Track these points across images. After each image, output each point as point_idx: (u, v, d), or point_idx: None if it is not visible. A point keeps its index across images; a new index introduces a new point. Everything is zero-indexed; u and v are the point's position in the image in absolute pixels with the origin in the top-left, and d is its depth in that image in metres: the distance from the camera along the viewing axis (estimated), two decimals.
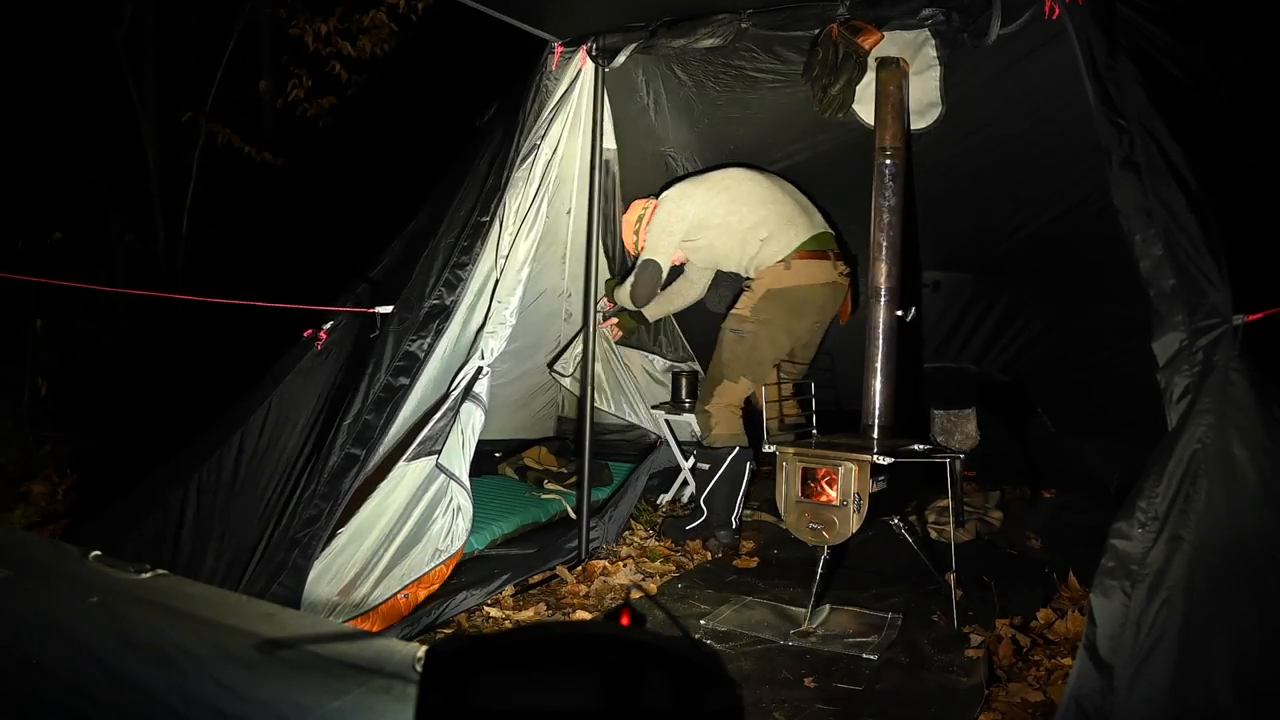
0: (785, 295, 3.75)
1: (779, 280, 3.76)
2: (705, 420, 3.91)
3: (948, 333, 4.71)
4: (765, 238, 3.77)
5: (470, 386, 3.15)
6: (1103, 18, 2.41)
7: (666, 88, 3.82)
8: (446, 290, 3.07)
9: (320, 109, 7.36)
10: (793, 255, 3.73)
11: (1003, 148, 3.45)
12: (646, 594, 3.33)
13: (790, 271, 3.74)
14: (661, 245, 3.90)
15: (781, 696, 2.49)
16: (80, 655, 1.29)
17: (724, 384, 3.83)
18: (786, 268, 3.74)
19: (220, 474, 2.88)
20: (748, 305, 3.81)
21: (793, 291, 3.74)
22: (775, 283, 3.76)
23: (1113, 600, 1.92)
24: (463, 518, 3.17)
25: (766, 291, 3.77)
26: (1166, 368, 2.07)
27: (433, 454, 3.04)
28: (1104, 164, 2.30)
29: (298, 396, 3.01)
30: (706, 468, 3.91)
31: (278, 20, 7.27)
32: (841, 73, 3.08)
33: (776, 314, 3.77)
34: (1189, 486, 1.94)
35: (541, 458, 4.69)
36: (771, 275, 3.77)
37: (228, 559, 2.72)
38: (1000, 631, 2.89)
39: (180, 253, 7.20)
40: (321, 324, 3.14)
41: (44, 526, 4.00)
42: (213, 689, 1.22)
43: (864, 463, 3.00)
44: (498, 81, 3.71)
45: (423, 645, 1.19)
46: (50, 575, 1.55)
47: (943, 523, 3.93)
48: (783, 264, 3.75)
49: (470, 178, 3.32)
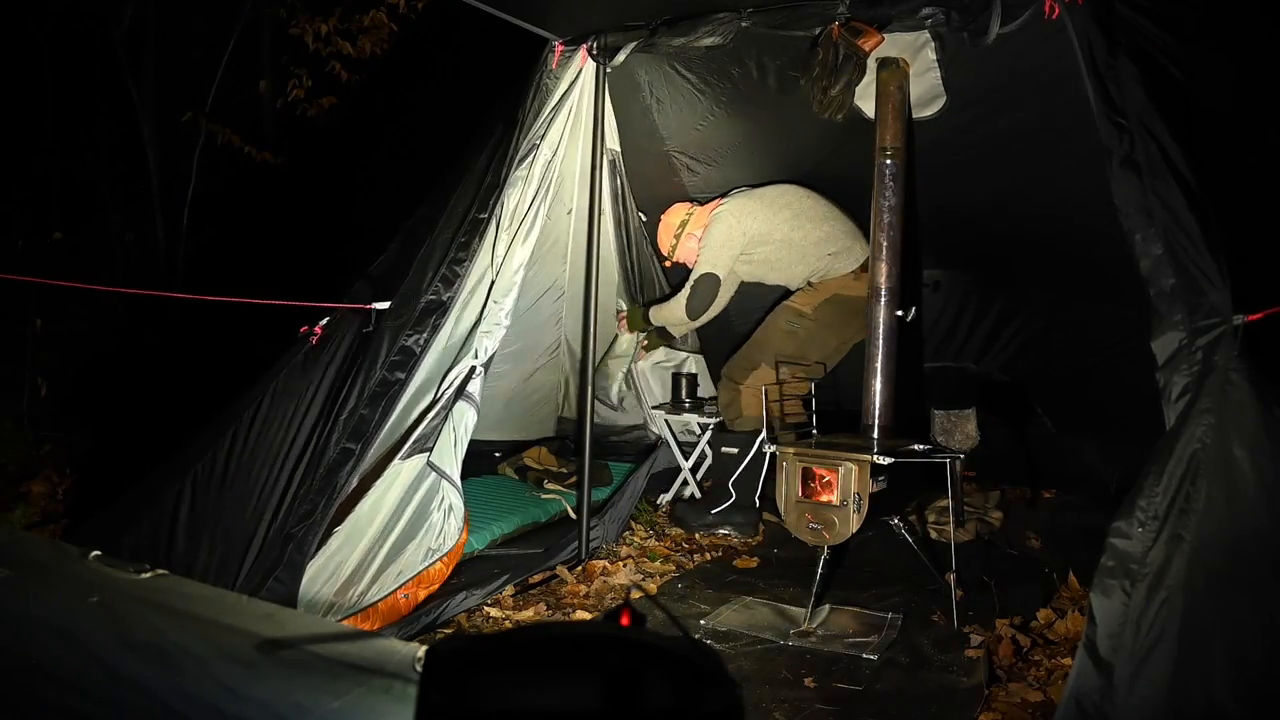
0: (849, 303, 3.88)
1: (847, 288, 3.91)
2: (733, 398, 3.99)
3: (947, 332, 4.71)
4: (834, 252, 3.93)
5: (463, 386, 3.16)
6: (1102, 17, 2.41)
7: (669, 87, 3.82)
8: (443, 286, 3.07)
9: (320, 109, 7.36)
10: (860, 268, 3.88)
11: (1003, 147, 3.45)
12: (646, 594, 3.33)
13: (858, 282, 3.86)
14: (721, 259, 3.98)
15: (781, 696, 2.49)
16: (80, 655, 1.29)
17: (761, 368, 3.92)
18: (855, 278, 3.90)
19: (214, 470, 2.88)
20: (809, 303, 3.93)
21: (856, 301, 3.81)
22: (843, 289, 3.92)
23: (1113, 600, 1.92)
24: (454, 517, 3.18)
25: (834, 295, 3.92)
26: (1166, 367, 2.07)
27: (425, 451, 3.05)
28: (1104, 163, 2.30)
29: (292, 391, 3.01)
30: (735, 451, 4.01)
31: (278, 20, 7.27)
32: (841, 74, 3.08)
33: (835, 318, 3.91)
34: (1189, 486, 1.94)
35: (541, 458, 4.69)
36: (840, 282, 3.93)
37: (221, 554, 2.72)
38: (1000, 631, 2.89)
39: (180, 252, 7.20)
40: (317, 321, 3.14)
41: (44, 526, 4.00)
42: (212, 689, 1.22)
43: (864, 463, 3.00)
44: (498, 80, 3.71)
45: (423, 645, 1.19)
46: (50, 575, 1.55)
47: (943, 523, 3.93)
48: (852, 274, 3.92)
49: (469, 175, 3.32)
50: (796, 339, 3.88)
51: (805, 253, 3.90)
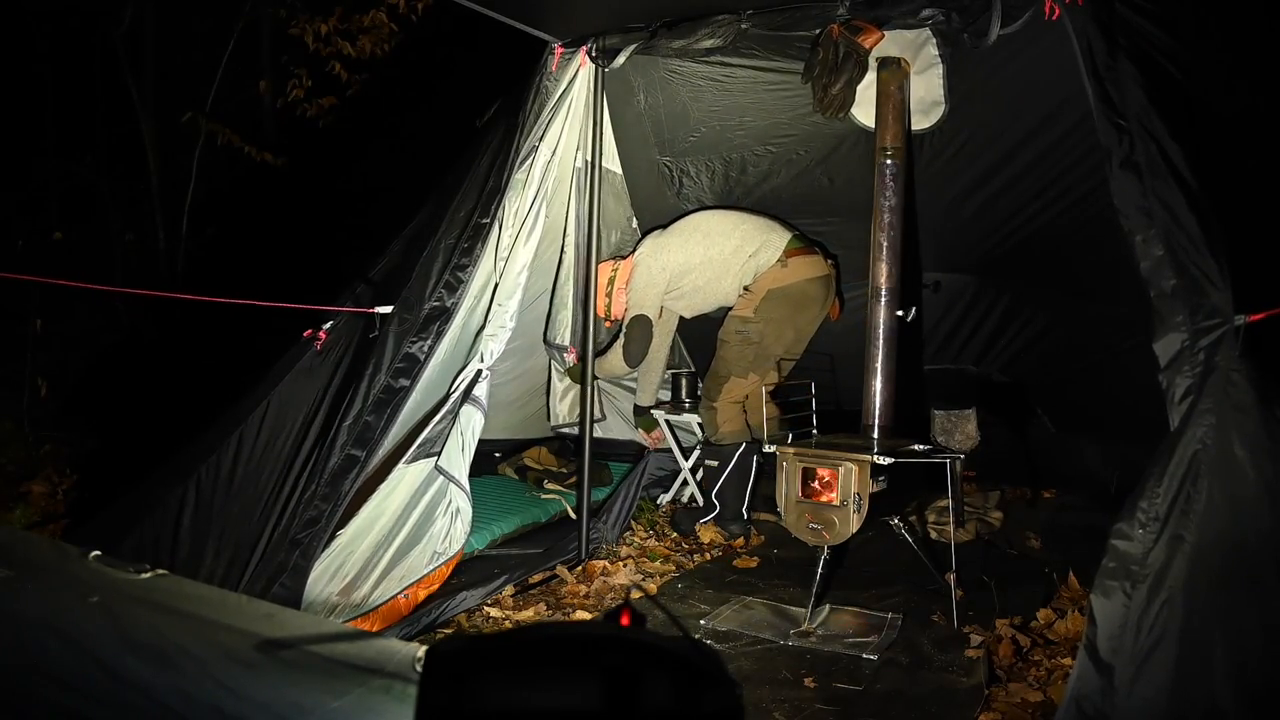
0: (788, 292, 3.85)
1: (778, 279, 3.86)
2: (711, 417, 3.99)
3: (948, 333, 4.71)
4: (753, 252, 3.90)
5: (470, 389, 3.15)
6: (1102, 18, 2.41)
7: (664, 94, 3.81)
8: (447, 292, 3.06)
9: (320, 109, 7.37)
10: (785, 255, 3.86)
11: (1003, 147, 3.45)
12: (646, 594, 3.33)
13: (788, 269, 3.85)
14: (649, 299, 4.01)
15: (781, 696, 2.49)
16: (80, 655, 1.29)
17: (731, 380, 3.91)
18: (783, 266, 3.86)
19: (219, 474, 2.88)
20: (749, 306, 3.88)
21: (794, 287, 3.84)
22: (775, 282, 3.86)
23: (1113, 600, 1.92)
24: (461, 520, 3.17)
25: (768, 292, 3.86)
26: (1168, 368, 2.07)
27: (432, 456, 3.04)
28: (1104, 164, 2.30)
29: (296, 396, 3.01)
30: (715, 465, 4.01)
31: (278, 20, 7.28)
32: (842, 73, 3.08)
33: (780, 310, 3.86)
34: (1190, 487, 1.94)
35: (541, 458, 4.69)
36: (770, 276, 3.87)
37: (226, 558, 2.72)
38: (1000, 631, 2.89)
39: (180, 252, 7.20)
40: (321, 324, 3.14)
41: (44, 526, 4.00)
42: (213, 689, 1.22)
43: (864, 463, 3.00)
44: (498, 82, 3.71)
45: (423, 645, 1.19)
46: (50, 575, 1.55)
47: (943, 523, 3.93)
48: (779, 264, 3.86)
49: (470, 179, 3.32)
50: (752, 343, 3.86)
51: (728, 264, 3.91)
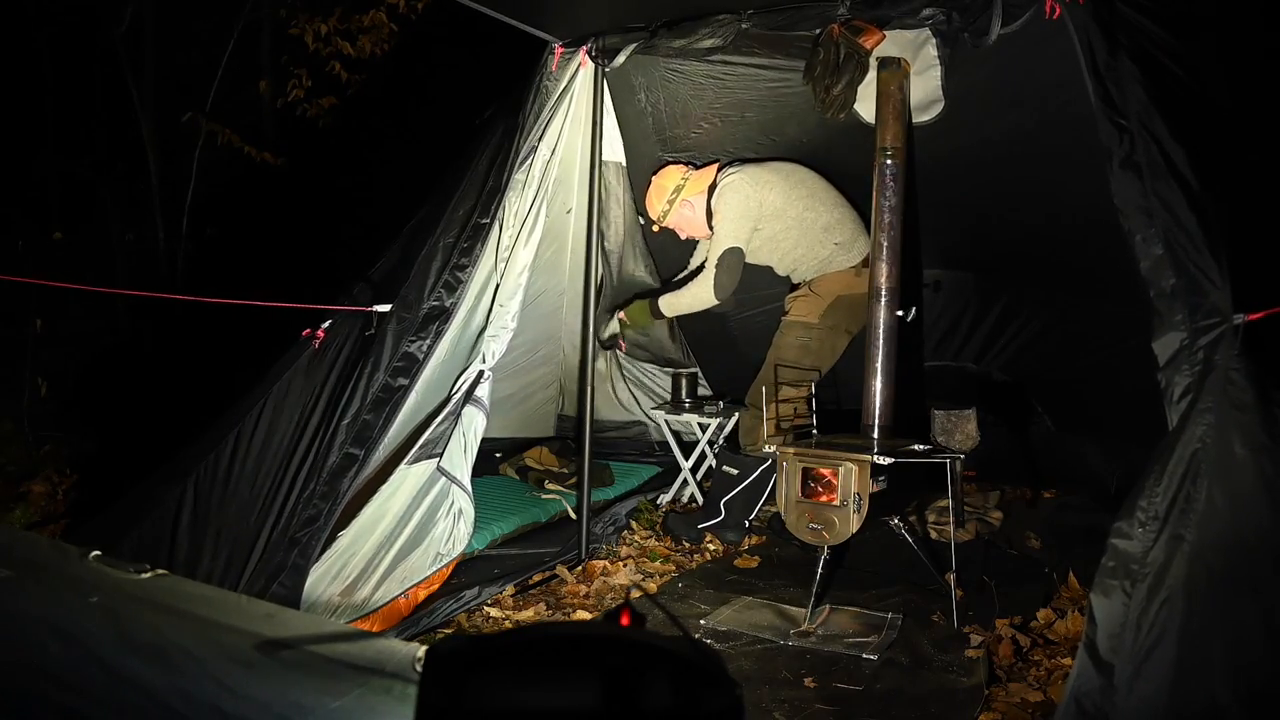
0: (854, 303, 3.63)
1: (849, 287, 3.70)
2: (754, 426, 3.73)
3: (948, 332, 4.71)
4: (840, 242, 3.72)
5: (472, 390, 3.15)
6: (1103, 17, 2.41)
7: (665, 92, 3.81)
8: (446, 292, 3.06)
9: (320, 109, 7.37)
10: (861, 263, 3.69)
11: (1003, 146, 3.45)
12: (646, 594, 3.33)
13: (860, 279, 3.61)
14: (742, 231, 3.70)
15: (781, 696, 2.49)
16: (80, 655, 1.29)
17: (784, 391, 3.70)
18: (857, 275, 3.67)
19: (217, 473, 2.87)
20: (813, 312, 3.73)
21: (860, 300, 3.54)
22: (845, 289, 3.71)
23: (1113, 600, 1.92)
24: (464, 522, 3.17)
25: (837, 298, 3.71)
26: (1167, 367, 2.07)
27: (434, 457, 3.04)
28: (1104, 163, 2.30)
29: (295, 395, 3.00)
30: (735, 473, 3.84)
31: (278, 20, 7.28)
32: (843, 73, 3.08)
33: (843, 321, 3.72)
34: (1190, 486, 1.94)
35: (542, 458, 4.69)
36: (841, 281, 3.72)
37: (225, 558, 2.72)
38: (1000, 631, 2.89)
39: (180, 253, 7.20)
40: (319, 323, 3.13)
41: (44, 526, 4.00)
42: (212, 689, 1.21)
43: (864, 463, 3.00)
44: (497, 81, 3.70)
45: (423, 645, 1.19)
46: (50, 575, 1.55)
47: (943, 523, 3.93)
48: (854, 270, 3.70)
49: (469, 178, 3.31)
50: (810, 352, 3.71)
51: (813, 237, 3.69)
